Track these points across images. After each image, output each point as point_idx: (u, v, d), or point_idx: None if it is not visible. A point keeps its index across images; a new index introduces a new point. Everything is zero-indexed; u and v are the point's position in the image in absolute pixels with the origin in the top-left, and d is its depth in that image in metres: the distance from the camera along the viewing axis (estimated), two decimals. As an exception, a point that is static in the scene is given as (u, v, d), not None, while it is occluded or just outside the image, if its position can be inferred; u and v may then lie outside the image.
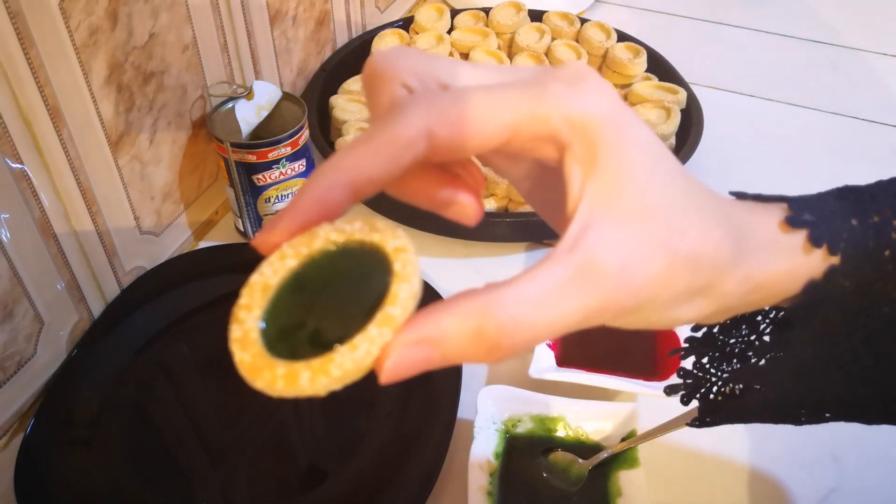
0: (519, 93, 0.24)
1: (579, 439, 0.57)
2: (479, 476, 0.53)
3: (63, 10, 0.53)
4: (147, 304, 0.66)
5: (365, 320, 0.23)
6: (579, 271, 0.24)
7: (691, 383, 0.34)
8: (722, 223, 0.26)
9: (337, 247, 0.24)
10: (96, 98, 0.58)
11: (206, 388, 0.62)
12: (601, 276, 0.24)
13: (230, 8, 0.71)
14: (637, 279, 0.24)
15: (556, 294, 0.24)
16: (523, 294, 0.24)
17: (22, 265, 0.55)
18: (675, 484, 0.56)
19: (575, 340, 0.64)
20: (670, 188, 0.25)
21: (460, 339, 0.23)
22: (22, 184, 0.54)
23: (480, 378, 0.60)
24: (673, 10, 1.11)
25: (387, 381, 0.24)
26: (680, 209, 0.25)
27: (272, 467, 0.56)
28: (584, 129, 0.24)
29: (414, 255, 0.23)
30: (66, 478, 0.55)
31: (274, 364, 0.23)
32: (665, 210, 0.24)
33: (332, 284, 0.24)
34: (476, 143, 0.24)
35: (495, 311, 0.23)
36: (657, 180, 0.24)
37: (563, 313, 0.24)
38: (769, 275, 0.27)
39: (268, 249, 0.25)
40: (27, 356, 0.58)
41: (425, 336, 0.23)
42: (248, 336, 0.23)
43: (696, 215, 0.25)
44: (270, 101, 0.70)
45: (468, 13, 0.96)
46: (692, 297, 0.26)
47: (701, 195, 0.26)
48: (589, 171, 0.24)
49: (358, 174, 0.24)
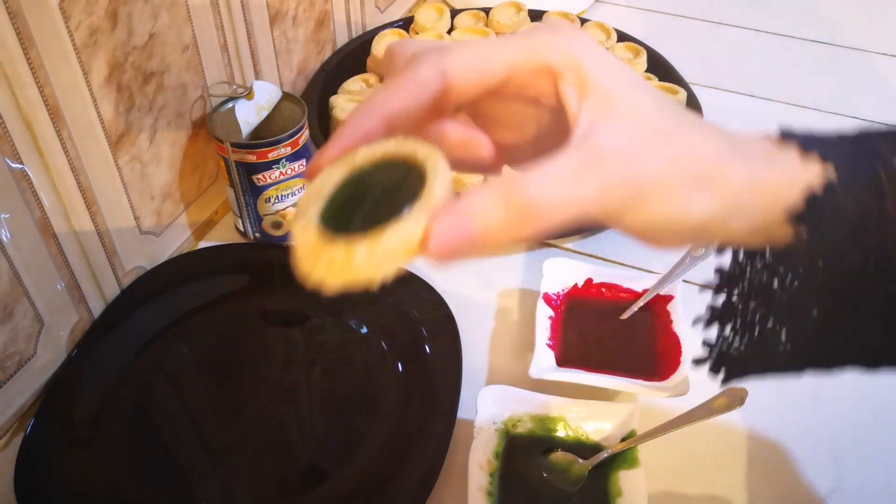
0: (515, 40, 0.29)
1: (579, 439, 0.57)
2: (479, 476, 0.53)
3: (63, 10, 0.53)
4: (147, 304, 0.66)
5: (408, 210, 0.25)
6: (590, 156, 0.27)
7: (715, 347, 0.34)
8: (712, 128, 0.29)
9: (377, 159, 0.27)
10: (96, 98, 0.58)
11: (206, 388, 0.62)
12: (610, 158, 0.27)
13: (230, 8, 0.71)
14: (641, 160, 0.27)
15: (573, 175, 0.26)
16: (544, 175, 0.26)
17: (22, 265, 0.55)
18: (675, 484, 0.56)
19: (575, 340, 0.64)
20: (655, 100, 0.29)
21: (492, 210, 0.26)
22: (22, 184, 0.54)
23: (480, 378, 0.60)
24: (673, 10, 1.11)
25: (436, 256, 0.25)
26: (668, 113, 0.28)
27: (272, 467, 0.56)
28: (572, 60, 0.28)
29: (442, 158, 0.27)
30: (66, 478, 0.55)
31: (332, 247, 0.25)
32: (654, 112, 0.28)
33: (377, 186, 0.27)
34: (483, 79, 0.28)
35: (521, 188, 0.26)
36: (640, 94, 0.28)
37: (580, 192, 0.26)
38: (770, 176, 0.28)
39: (317, 171, 0.28)
40: (27, 356, 0.58)
41: (461, 209, 0.25)
42: (308, 227, 0.26)
43: (685, 118, 0.29)
44: (270, 101, 0.70)
45: (468, 13, 0.96)
46: (699, 187, 0.27)
47: (683, 110, 0.30)
48: (583, 90, 0.28)
49: (390, 108, 0.28)
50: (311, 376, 0.63)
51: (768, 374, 0.33)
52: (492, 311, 0.69)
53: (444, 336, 0.63)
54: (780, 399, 0.62)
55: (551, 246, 0.75)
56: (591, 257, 0.74)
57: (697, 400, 0.54)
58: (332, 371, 0.63)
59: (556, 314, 0.65)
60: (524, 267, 0.73)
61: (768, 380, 0.33)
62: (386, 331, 0.64)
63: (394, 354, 0.63)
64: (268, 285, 0.68)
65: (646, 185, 0.27)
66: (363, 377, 0.62)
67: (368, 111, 0.28)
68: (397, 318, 0.65)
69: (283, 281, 0.66)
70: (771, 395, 0.61)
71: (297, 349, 0.66)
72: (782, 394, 0.62)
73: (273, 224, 0.72)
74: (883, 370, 0.32)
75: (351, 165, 0.27)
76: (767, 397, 0.61)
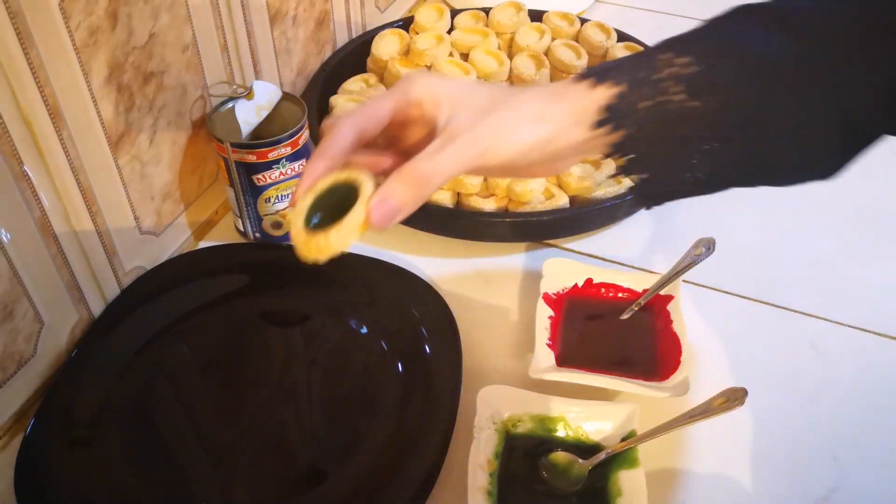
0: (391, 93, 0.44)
1: (579, 439, 0.57)
2: (479, 476, 0.53)
3: (63, 10, 0.53)
4: (147, 304, 0.66)
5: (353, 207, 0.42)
6: (446, 136, 0.41)
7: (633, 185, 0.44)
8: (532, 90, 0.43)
9: (330, 184, 0.43)
10: (96, 98, 0.58)
11: (206, 388, 0.62)
12: (460, 132, 0.41)
13: (230, 8, 0.71)
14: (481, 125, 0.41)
15: (439, 149, 0.41)
16: (421, 156, 0.41)
17: (22, 265, 0.55)
18: (675, 484, 0.56)
19: (575, 340, 0.64)
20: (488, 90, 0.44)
21: (399, 188, 0.40)
22: (22, 184, 0.54)
23: (480, 378, 0.60)
24: (673, 10, 1.11)
25: (377, 227, 0.41)
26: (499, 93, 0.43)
27: (272, 467, 0.56)
28: (426, 90, 0.43)
29: (366, 175, 0.42)
30: (66, 478, 0.55)
31: (314, 235, 0.41)
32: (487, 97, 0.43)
33: (334, 198, 0.43)
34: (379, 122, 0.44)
35: (410, 168, 0.41)
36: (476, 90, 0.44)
37: (446, 157, 0.41)
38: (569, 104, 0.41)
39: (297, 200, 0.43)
40: (27, 356, 0.58)
41: (382, 193, 0.41)
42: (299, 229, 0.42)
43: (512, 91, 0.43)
44: (270, 101, 0.70)
45: (468, 13, 0.96)
46: (528, 123, 0.42)
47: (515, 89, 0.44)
48: (437, 105, 0.43)
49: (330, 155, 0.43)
50: (311, 376, 0.63)
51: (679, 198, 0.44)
52: (492, 312, 0.69)
53: (444, 336, 0.63)
54: (781, 399, 0.62)
55: (551, 246, 0.75)
56: (591, 257, 0.74)
57: (697, 400, 0.54)
58: (332, 371, 0.63)
59: (556, 314, 0.65)
60: (524, 267, 0.73)
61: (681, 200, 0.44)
62: (386, 331, 0.64)
63: (394, 354, 0.63)
64: (268, 285, 0.68)
65: (486, 137, 0.41)
66: (363, 377, 0.62)
67: (315, 155, 0.43)
68: (397, 318, 0.65)
69: (283, 281, 0.66)
70: (771, 395, 0.62)
71: (297, 349, 0.66)
72: (783, 393, 0.62)
73: (273, 224, 0.72)
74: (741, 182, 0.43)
75: (316, 191, 0.43)
76: (768, 397, 0.61)
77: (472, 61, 0.86)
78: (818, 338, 0.67)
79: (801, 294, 0.70)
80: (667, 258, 0.71)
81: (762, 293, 0.71)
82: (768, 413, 0.60)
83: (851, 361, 0.65)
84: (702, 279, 0.71)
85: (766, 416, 0.60)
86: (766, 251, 0.75)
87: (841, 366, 0.64)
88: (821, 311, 0.69)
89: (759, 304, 0.70)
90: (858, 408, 0.61)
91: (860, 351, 0.66)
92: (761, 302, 0.70)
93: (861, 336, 0.67)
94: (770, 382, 0.63)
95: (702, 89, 0.39)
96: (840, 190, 0.83)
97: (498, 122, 0.41)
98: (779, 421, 0.60)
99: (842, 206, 0.79)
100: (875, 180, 0.82)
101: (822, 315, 0.69)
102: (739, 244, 0.74)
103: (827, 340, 0.66)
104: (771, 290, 0.71)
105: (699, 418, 0.52)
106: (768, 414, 0.60)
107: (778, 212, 0.79)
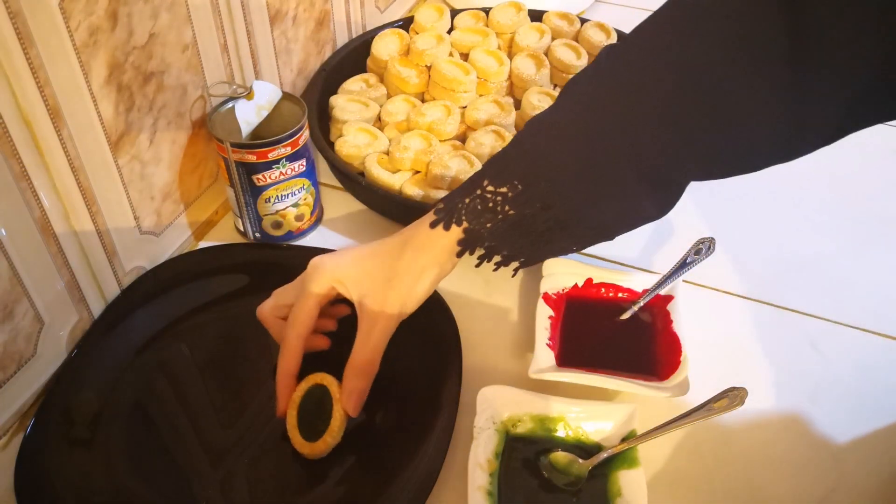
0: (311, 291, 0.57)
1: (579, 439, 0.57)
2: (479, 476, 0.53)
3: (63, 10, 0.53)
4: (147, 304, 0.66)
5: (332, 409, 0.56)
6: (372, 320, 0.55)
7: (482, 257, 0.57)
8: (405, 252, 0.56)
9: (304, 391, 0.57)
10: (96, 98, 0.58)
11: (206, 388, 0.62)
12: (380, 314, 0.55)
13: (230, 8, 0.71)
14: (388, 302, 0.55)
15: (365, 335, 0.56)
16: (363, 345, 0.56)
17: (22, 265, 0.55)
18: (675, 484, 0.56)
19: (575, 340, 0.64)
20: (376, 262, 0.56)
21: (358, 379, 0.56)
22: (22, 184, 0.54)
23: (480, 378, 0.60)
24: (673, 10, 1.11)
25: (355, 414, 0.56)
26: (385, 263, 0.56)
27: (272, 467, 0.56)
28: (331, 277, 0.57)
29: (330, 377, 0.57)
30: (66, 478, 0.55)
31: (315, 445, 0.55)
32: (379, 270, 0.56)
33: (312, 400, 0.57)
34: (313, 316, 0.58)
35: (352, 363, 0.56)
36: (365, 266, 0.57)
37: (373, 340, 0.55)
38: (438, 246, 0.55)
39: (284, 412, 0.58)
40: (27, 356, 0.58)
41: (347, 390, 0.56)
42: (301, 443, 0.56)
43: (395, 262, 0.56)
44: (270, 101, 0.70)
45: (468, 13, 0.96)
46: (423, 274, 0.56)
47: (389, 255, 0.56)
48: (344, 287, 0.56)
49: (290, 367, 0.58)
50: (311, 376, 0.63)
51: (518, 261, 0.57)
52: (492, 311, 0.69)
53: (444, 336, 0.63)
54: (781, 399, 0.62)
55: (551, 246, 0.75)
56: (591, 257, 0.74)
57: (697, 400, 0.54)
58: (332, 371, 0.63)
59: (556, 314, 0.65)
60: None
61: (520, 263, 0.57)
62: (386, 331, 0.64)
63: (394, 354, 0.63)
64: (268, 285, 0.68)
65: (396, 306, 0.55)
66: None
67: (284, 374, 0.57)
68: (397, 318, 0.65)
69: (283, 281, 0.66)
70: (771, 395, 0.62)
71: (297, 349, 0.66)
72: (782, 394, 0.62)
73: (273, 224, 0.72)
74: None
75: (296, 403, 0.57)
76: (768, 397, 0.61)
77: (472, 61, 0.86)
78: (818, 338, 0.67)
79: (801, 294, 0.70)
80: (667, 258, 0.71)
81: (762, 293, 0.71)
82: (769, 413, 0.60)
83: (851, 361, 0.65)
84: (702, 279, 0.71)
85: (767, 416, 0.60)
86: (766, 251, 0.75)
87: (841, 366, 0.64)
88: (821, 311, 0.69)
89: (759, 304, 0.70)
90: (858, 408, 0.61)
91: (860, 351, 0.66)
92: (761, 302, 0.70)
93: (861, 336, 0.67)
94: (770, 382, 0.63)
95: (526, 203, 0.52)
96: (840, 190, 0.83)
97: (399, 289, 0.55)
98: (779, 421, 0.60)
99: (842, 206, 0.79)
100: (875, 180, 0.83)
101: (822, 315, 0.69)
102: (739, 244, 0.74)
103: (827, 340, 0.67)
104: (771, 290, 0.71)
105: (699, 418, 0.52)
106: (769, 414, 0.60)
107: (778, 212, 0.79)
